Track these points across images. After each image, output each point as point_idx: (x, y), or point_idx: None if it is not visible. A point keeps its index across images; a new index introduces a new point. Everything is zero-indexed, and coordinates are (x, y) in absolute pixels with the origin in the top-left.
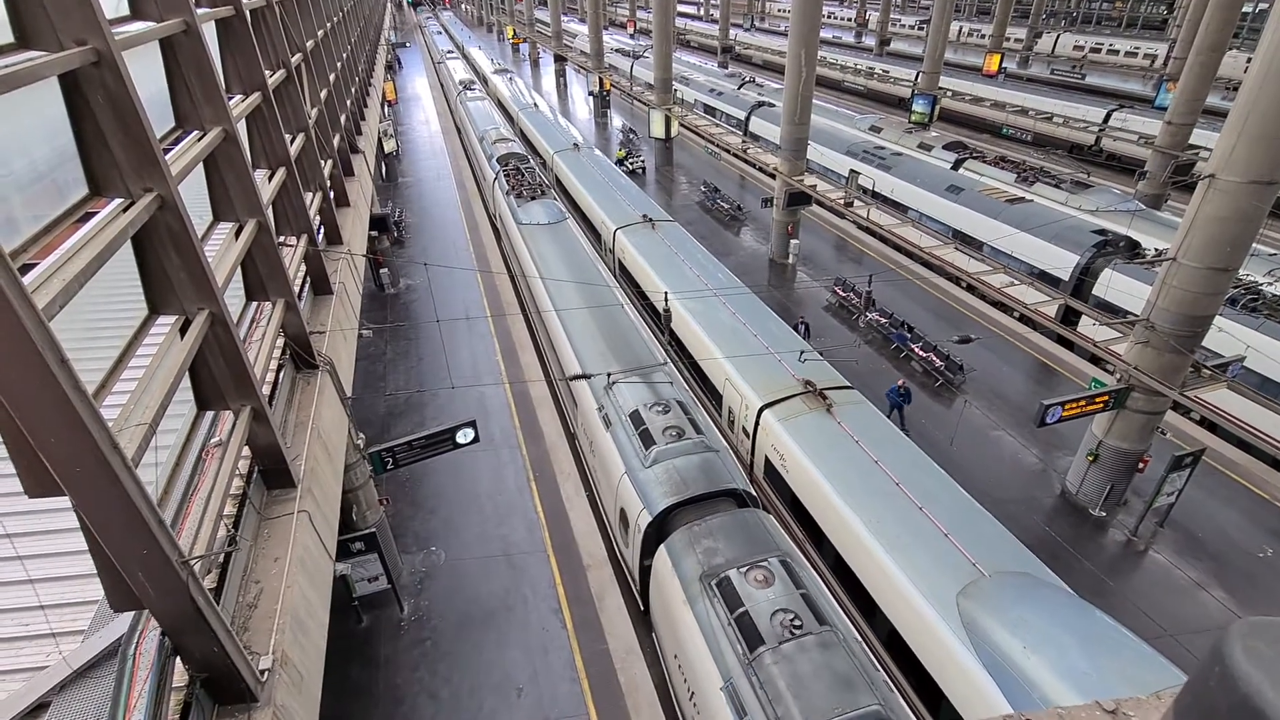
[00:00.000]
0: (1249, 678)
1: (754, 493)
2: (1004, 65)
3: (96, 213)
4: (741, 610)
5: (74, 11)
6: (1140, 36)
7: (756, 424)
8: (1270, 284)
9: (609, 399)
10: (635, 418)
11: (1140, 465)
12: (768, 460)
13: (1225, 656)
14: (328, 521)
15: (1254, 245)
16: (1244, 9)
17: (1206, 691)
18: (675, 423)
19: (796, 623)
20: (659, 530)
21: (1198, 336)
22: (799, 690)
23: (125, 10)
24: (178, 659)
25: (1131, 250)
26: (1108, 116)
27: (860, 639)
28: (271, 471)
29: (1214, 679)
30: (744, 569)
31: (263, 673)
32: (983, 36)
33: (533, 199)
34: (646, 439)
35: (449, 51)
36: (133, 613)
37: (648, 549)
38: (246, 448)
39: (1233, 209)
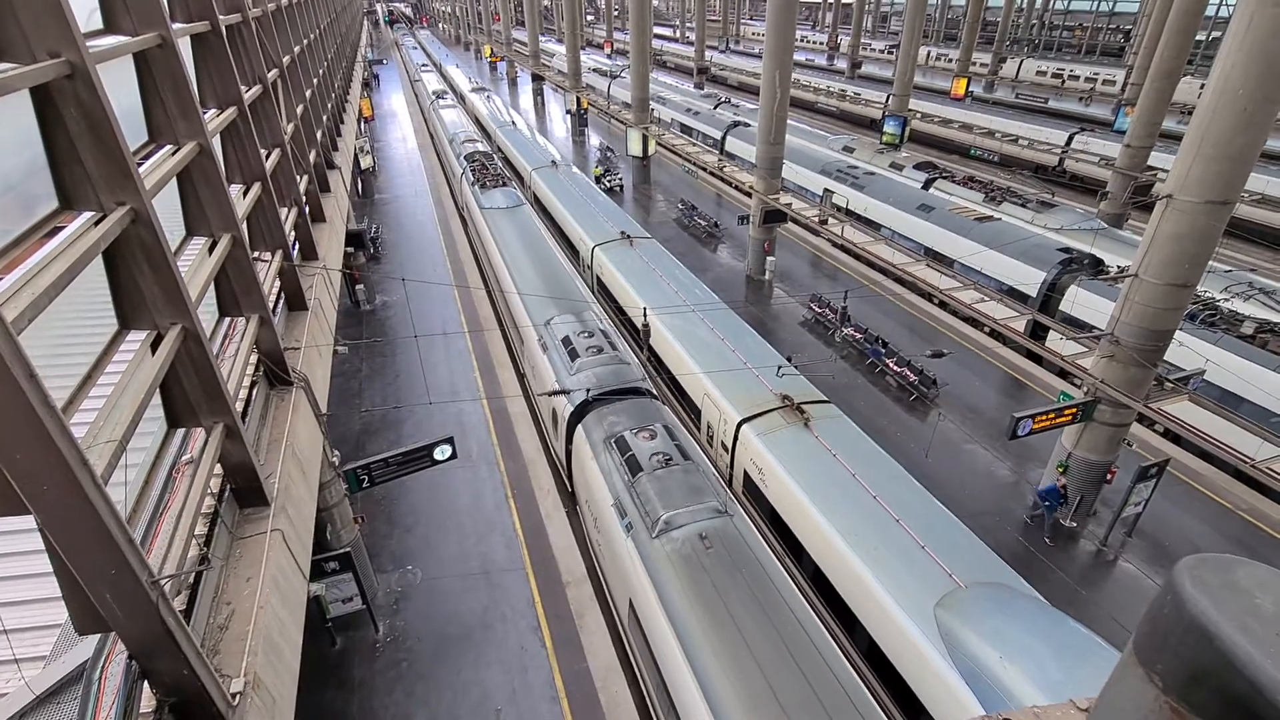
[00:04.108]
0: (1196, 601)
1: (654, 391)
2: (970, 89)
3: (64, 227)
4: (630, 454)
5: (47, 24)
6: (1099, 63)
7: (735, 439)
8: (1227, 300)
9: (547, 331)
10: (566, 341)
11: (1108, 476)
12: (746, 474)
13: (1176, 587)
14: (301, 541)
15: (1210, 263)
16: (1197, 37)
17: (1161, 618)
18: (597, 343)
19: (668, 458)
20: (578, 418)
21: (1160, 350)
22: (663, 496)
23: (99, 24)
24: (145, 683)
25: (1095, 267)
26: (1070, 139)
27: (716, 471)
28: (244, 490)
29: (1167, 607)
30: (635, 431)
31: (234, 696)
32: (950, 61)
33: (494, 188)
34: (573, 355)
35: (423, 65)
36: (98, 636)
37: (570, 436)
38: (219, 465)
39: (1190, 228)
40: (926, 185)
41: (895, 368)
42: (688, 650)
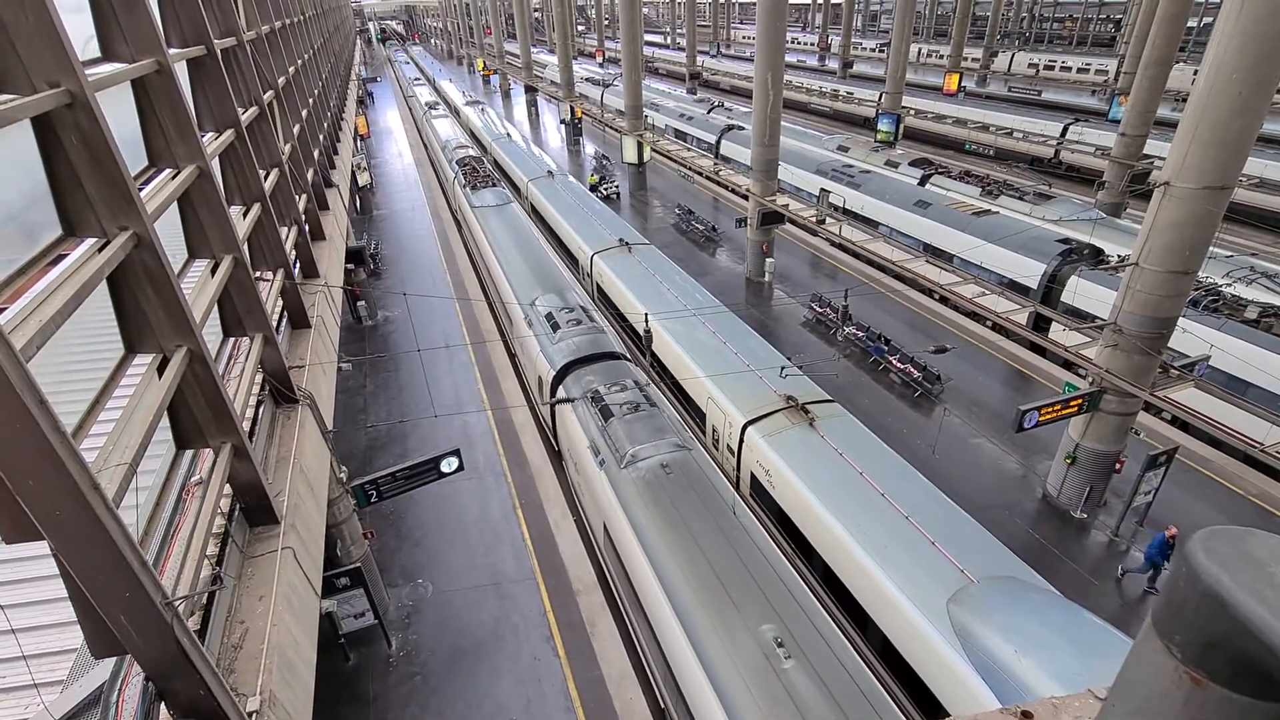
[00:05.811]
0: (1210, 571)
1: (626, 354)
2: (963, 84)
3: (68, 254)
4: (603, 404)
5: (46, 54)
6: (1090, 53)
7: (741, 441)
8: (1229, 285)
9: (532, 310)
10: (549, 317)
11: (1117, 466)
12: (754, 477)
13: (1190, 558)
14: (312, 557)
15: (1211, 248)
16: (1188, 24)
17: (1177, 590)
18: (577, 317)
19: (636, 405)
20: (560, 380)
21: (1164, 338)
22: (631, 435)
23: (97, 52)
24: (162, 704)
25: (1095, 257)
26: (1065, 130)
27: (678, 416)
28: (254, 508)
29: (1182, 579)
30: (609, 386)
31: (251, 714)
32: (941, 57)
33: (484, 188)
34: (555, 327)
35: (416, 79)
36: (115, 659)
37: (553, 396)
38: (228, 485)
39: (1188, 214)
40: (923, 181)
41: (899, 365)
42: (651, 557)
